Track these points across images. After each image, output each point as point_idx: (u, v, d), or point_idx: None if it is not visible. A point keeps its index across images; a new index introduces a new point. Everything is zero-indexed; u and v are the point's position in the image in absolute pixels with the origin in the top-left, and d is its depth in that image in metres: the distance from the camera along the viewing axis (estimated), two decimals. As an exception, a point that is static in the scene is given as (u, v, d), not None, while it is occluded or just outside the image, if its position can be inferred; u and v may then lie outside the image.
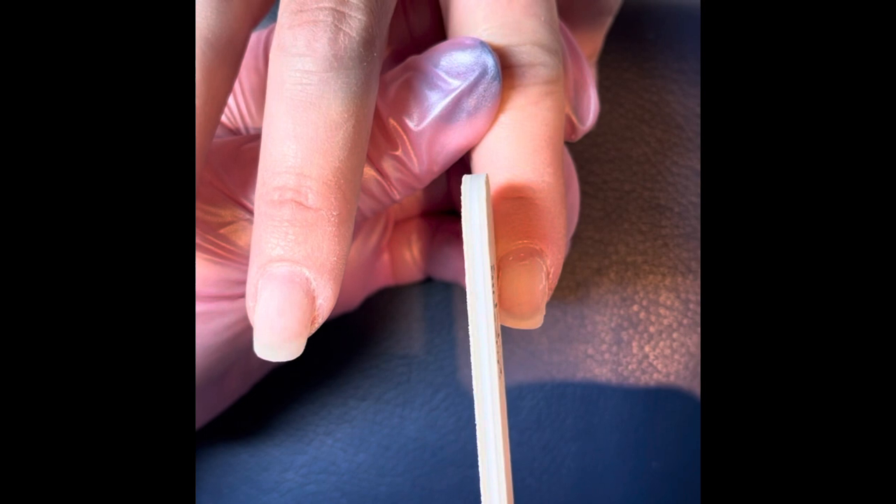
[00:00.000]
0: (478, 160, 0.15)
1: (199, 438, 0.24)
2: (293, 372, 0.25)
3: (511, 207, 0.14)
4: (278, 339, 0.13)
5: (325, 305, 0.14)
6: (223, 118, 0.19)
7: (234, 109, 0.19)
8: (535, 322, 0.14)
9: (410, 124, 0.15)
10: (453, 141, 0.15)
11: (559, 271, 0.15)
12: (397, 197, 0.16)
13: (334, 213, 0.13)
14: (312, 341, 0.25)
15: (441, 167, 0.16)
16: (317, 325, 0.14)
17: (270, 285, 0.13)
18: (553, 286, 0.15)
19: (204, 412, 0.22)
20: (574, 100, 0.17)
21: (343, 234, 0.14)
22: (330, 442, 0.24)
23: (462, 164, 0.16)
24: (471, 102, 0.15)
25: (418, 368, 0.24)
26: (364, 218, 0.16)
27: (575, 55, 0.17)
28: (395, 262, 0.23)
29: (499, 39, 0.15)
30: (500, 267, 0.14)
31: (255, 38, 0.19)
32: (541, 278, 0.14)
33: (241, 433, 0.24)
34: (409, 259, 0.23)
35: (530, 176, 0.14)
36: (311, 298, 0.13)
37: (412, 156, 0.15)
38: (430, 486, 0.24)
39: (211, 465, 0.24)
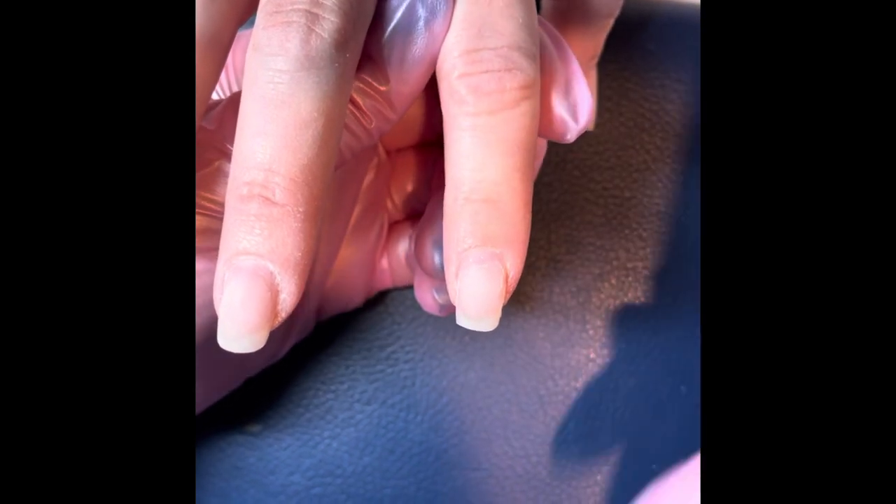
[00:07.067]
0: (448, 159, 0.15)
1: (207, 442, 0.25)
2: (300, 376, 0.25)
3: (475, 209, 0.15)
4: (240, 331, 0.14)
5: (288, 300, 0.14)
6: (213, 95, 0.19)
7: (226, 87, 0.20)
8: (490, 324, 0.15)
9: (371, 40, 0.15)
10: (417, 53, 0.15)
11: (519, 274, 0.15)
12: (372, 126, 0.16)
13: (300, 210, 0.14)
14: (319, 346, 0.25)
15: (410, 89, 0.16)
16: (280, 320, 0.14)
17: (235, 278, 0.14)
18: (512, 289, 0.15)
19: (199, 400, 0.22)
20: (566, 99, 0.17)
21: (308, 230, 0.14)
22: (336, 445, 0.25)
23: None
24: (424, 10, 0.15)
25: (422, 373, 0.25)
26: (344, 160, 0.16)
27: (564, 55, 0.17)
28: (392, 263, 0.24)
29: (476, 42, 0.15)
30: (460, 266, 0.15)
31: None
32: (499, 282, 0.15)
33: (249, 437, 0.25)
34: (406, 260, 0.23)
35: (497, 179, 0.15)
36: (275, 293, 0.14)
37: (378, 76, 0.15)
38: (434, 489, 0.24)
39: (219, 468, 0.25)
